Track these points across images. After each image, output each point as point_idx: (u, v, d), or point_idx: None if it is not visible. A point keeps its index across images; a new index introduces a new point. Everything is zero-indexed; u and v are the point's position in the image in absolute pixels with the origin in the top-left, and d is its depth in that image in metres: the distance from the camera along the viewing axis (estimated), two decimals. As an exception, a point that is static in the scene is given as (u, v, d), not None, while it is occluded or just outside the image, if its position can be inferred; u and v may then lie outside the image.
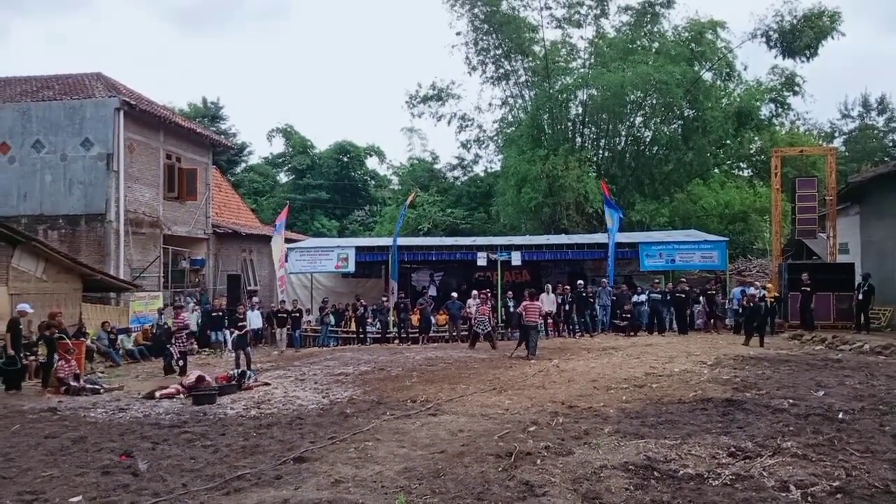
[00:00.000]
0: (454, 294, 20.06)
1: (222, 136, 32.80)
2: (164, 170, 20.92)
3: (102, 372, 14.18)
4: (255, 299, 19.20)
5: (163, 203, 20.84)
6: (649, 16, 30.52)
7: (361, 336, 20.18)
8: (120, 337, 16.75)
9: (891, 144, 46.63)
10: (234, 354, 14.22)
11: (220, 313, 18.72)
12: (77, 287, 16.05)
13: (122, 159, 18.64)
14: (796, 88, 29.62)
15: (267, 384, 11.49)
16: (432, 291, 23.21)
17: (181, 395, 10.72)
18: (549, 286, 19.70)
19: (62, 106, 18.77)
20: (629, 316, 18.77)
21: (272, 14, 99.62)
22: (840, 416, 7.26)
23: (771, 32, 27.85)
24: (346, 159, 45.97)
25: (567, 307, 19.13)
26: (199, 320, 18.52)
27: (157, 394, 10.74)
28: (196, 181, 22.22)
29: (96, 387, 11.68)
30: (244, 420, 8.55)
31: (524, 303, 14.66)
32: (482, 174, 39.50)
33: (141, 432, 7.93)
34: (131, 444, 7.26)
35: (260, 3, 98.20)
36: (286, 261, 21.46)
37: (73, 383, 11.42)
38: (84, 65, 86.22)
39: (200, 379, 10.89)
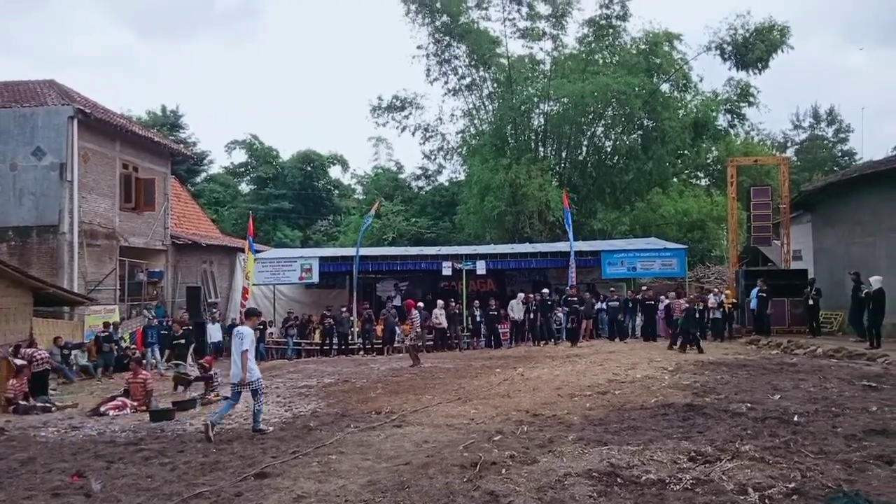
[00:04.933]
0: (420, 304, 19.98)
1: (182, 146, 32.19)
2: (121, 180, 20.41)
3: (54, 389, 13.67)
4: (215, 311, 18.84)
5: (119, 214, 20.30)
6: (608, 29, 31.10)
7: (325, 348, 19.94)
8: (74, 352, 16.22)
9: (840, 154, 48.43)
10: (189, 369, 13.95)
11: (189, 327, 18.40)
12: (27, 301, 15.48)
13: (76, 169, 18.11)
14: (751, 100, 30.55)
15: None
16: (397, 301, 23.09)
17: (128, 410, 10.46)
18: (522, 295, 19.86)
19: (12, 114, 18.16)
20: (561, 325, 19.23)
21: (234, 21, 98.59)
22: (795, 418, 7.42)
23: (725, 45, 28.69)
24: (309, 168, 45.54)
25: (532, 315, 19.28)
26: (155, 334, 17.99)
27: (102, 408, 10.45)
28: (154, 191, 21.72)
29: (47, 405, 11.27)
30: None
31: (672, 302, 16.09)
32: (446, 183, 39.69)
33: (95, 451, 7.67)
34: (84, 463, 7.01)
35: (221, 10, 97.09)
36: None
37: (21, 402, 10.99)
38: (36, 71, 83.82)
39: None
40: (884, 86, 73.10)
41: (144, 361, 16.88)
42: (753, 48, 27.82)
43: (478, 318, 20.10)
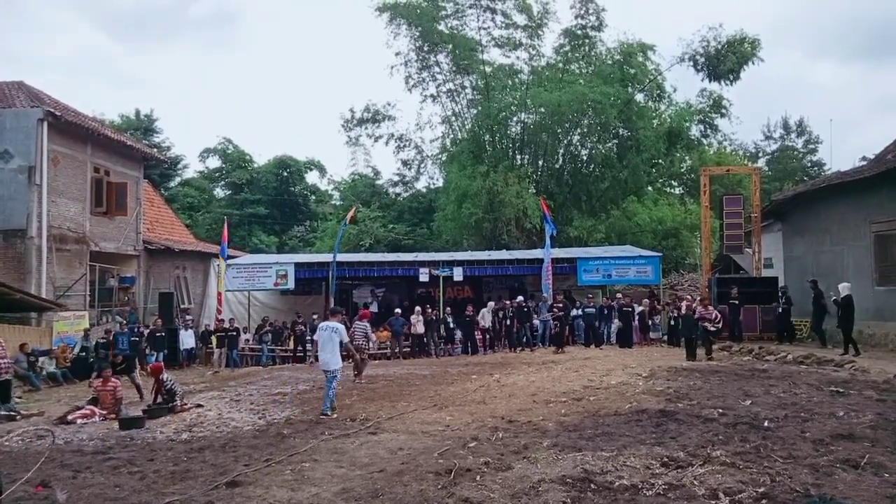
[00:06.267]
0: (398, 310, 19.94)
1: (155, 150, 31.77)
2: (92, 184, 20.05)
3: (20, 397, 13.33)
4: (188, 318, 18.58)
5: (90, 218, 19.94)
6: (584, 39, 31.50)
7: (300, 354, 19.75)
8: (41, 359, 15.84)
9: (809, 165, 49.41)
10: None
11: (162, 333, 18.07)
12: (-7, 307, 15.12)
13: (46, 172, 17.75)
14: (723, 111, 31.12)
15: (200, 406, 11.08)
16: (374, 308, 23.01)
17: (97, 418, 10.23)
18: (492, 304, 19.90)
19: (-21, 115, 17.75)
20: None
21: (210, 26, 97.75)
22: (765, 424, 7.53)
23: (698, 57, 29.23)
24: (285, 174, 45.21)
25: (508, 322, 19.33)
26: (126, 341, 17.63)
27: (70, 416, 10.20)
28: (126, 195, 21.39)
29: (12, 413, 10.98)
30: (174, 444, 8.21)
31: (700, 310, 14.79)
32: (424, 190, 39.71)
33: (61, 460, 7.48)
34: (49, 473, 6.82)
35: (199, 15, 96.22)
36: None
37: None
38: (4, 72, 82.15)
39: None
40: (851, 99, 75.19)
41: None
42: (725, 60, 28.40)
43: (450, 325, 20.08)
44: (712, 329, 14.53)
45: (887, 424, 7.34)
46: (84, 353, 16.93)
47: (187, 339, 19.88)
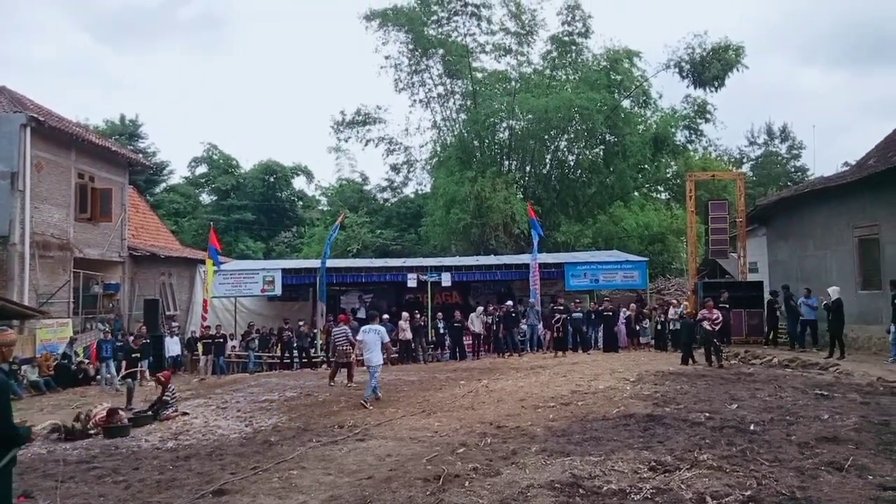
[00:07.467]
0: (385, 316, 19.86)
1: (140, 155, 31.56)
2: (76, 190, 19.87)
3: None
4: (174, 325, 18.41)
5: (74, 225, 19.74)
6: (571, 45, 31.75)
7: (287, 361, 19.63)
8: (24, 368, 15.64)
9: (793, 170, 49.98)
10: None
11: (147, 341, 17.88)
12: (-27, 315, 14.88)
13: (29, 178, 17.56)
14: (708, 116, 31.46)
15: (186, 414, 10.98)
16: (362, 314, 22.91)
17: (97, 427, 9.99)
18: (481, 308, 19.89)
19: (-40, 121, 17.55)
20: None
21: (197, 30, 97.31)
22: (752, 427, 7.59)
23: (683, 63, 29.52)
24: (272, 179, 45.04)
25: (495, 327, 19.34)
26: (110, 348, 17.44)
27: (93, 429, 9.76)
28: (111, 202, 21.21)
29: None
30: (160, 452, 8.13)
31: (703, 312, 14.48)
32: (412, 195, 39.75)
33: (44, 470, 7.39)
34: (32, 483, 6.75)
35: (185, 19, 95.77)
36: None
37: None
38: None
39: (112, 413, 10.19)
40: (836, 104, 76.26)
41: (99, 377, 16.41)
42: (710, 67, 28.71)
43: (441, 330, 20.07)
44: (709, 329, 14.43)
45: (871, 427, 7.43)
46: (67, 361, 16.72)
47: (173, 347, 19.70)
